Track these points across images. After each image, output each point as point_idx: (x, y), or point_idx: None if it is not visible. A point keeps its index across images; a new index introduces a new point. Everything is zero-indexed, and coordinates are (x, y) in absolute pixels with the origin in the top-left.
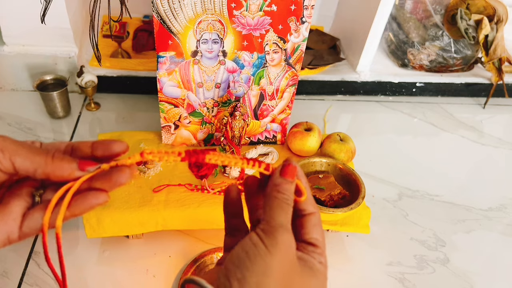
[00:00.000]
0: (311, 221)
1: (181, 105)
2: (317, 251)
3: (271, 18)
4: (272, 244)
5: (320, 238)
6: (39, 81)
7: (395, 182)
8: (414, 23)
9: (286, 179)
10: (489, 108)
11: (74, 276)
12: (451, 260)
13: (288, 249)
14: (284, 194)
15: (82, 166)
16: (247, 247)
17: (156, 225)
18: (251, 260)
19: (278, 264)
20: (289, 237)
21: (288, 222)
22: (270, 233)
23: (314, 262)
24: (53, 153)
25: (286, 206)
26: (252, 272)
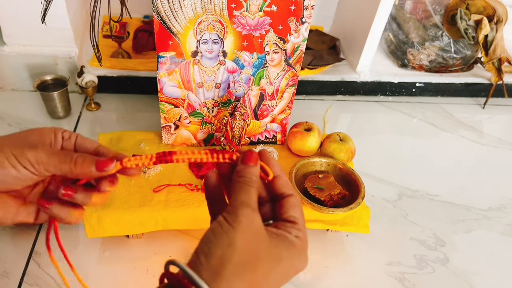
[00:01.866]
0: (288, 202)
1: (181, 105)
2: (295, 226)
3: (271, 19)
4: (234, 220)
5: (298, 216)
6: (39, 81)
7: (395, 182)
8: (414, 23)
9: (248, 164)
10: (488, 108)
11: (73, 276)
12: (450, 260)
13: (250, 222)
14: (245, 177)
15: (100, 168)
16: (213, 226)
17: (156, 225)
18: (216, 236)
19: (241, 235)
20: (250, 211)
21: (250, 199)
22: (232, 211)
23: (288, 236)
24: (75, 160)
25: (247, 187)
26: (216, 245)
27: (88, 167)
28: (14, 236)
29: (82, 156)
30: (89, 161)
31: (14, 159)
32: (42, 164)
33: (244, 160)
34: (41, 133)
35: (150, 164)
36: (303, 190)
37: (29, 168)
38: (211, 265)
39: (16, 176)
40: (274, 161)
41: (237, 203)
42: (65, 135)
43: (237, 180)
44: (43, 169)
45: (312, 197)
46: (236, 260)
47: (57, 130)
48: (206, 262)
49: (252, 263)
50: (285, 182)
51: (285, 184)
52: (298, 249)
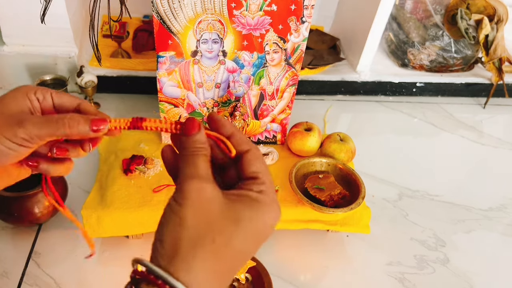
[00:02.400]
0: (246, 158)
1: (181, 105)
2: (257, 182)
3: (271, 18)
4: (181, 197)
5: (259, 170)
6: (39, 81)
7: (395, 182)
8: (414, 23)
9: (189, 134)
10: (489, 108)
11: (73, 276)
12: (451, 260)
13: (198, 194)
14: (188, 148)
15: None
16: (164, 211)
17: (155, 225)
18: (166, 219)
19: (191, 211)
20: (197, 182)
21: (197, 169)
22: (179, 189)
23: (250, 193)
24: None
25: (192, 157)
26: (168, 228)
27: (83, 128)
28: (14, 236)
29: (73, 119)
30: (82, 122)
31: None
32: (36, 137)
33: (184, 131)
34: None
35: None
36: (303, 190)
37: (25, 144)
38: (165, 249)
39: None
40: (224, 120)
41: (182, 178)
42: (39, 97)
43: (181, 153)
44: (38, 140)
45: (312, 197)
46: (189, 237)
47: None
48: (161, 247)
49: (209, 234)
50: (239, 138)
51: (240, 140)
52: (263, 204)
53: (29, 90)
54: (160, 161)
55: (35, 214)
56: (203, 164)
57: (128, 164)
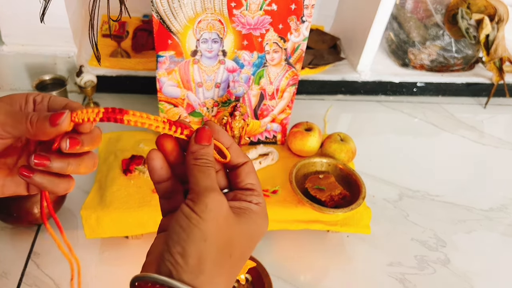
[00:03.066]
0: (244, 170)
1: (181, 105)
2: (254, 193)
3: (271, 18)
4: (203, 210)
5: (255, 182)
6: (38, 81)
7: (396, 182)
8: (415, 23)
9: (202, 144)
10: (490, 108)
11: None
12: (451, 260)
13: (219, 208)
14: (202, 159)
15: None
16: (181, 220)
17: (155, 226)
18: (186, 231)
19: (213, 225)
20: (216, 195)
21: (213, 182)
22: (198, 199)
23: (250, 206)
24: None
25: (207, 169)
26: (190, 242)
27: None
28: (13, 236)
29: (36, 114)
30: (42, 117)
31: None
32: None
33: (198, 139)
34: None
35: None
36: (303, 190)
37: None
38: (190, 265)
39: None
40: (223, 131)
41: (202, 189)
42: (37, 99)
43: (194, 163)
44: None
45: (312, 197)
46: (213, 253)
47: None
48: (185, 263)
49: (227, 250)
50: (237, 151)
51: (238, 153)
52: (261, 216)
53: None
54: None
55: (35, 214)
56: (215, 177)
57: (127, 164)
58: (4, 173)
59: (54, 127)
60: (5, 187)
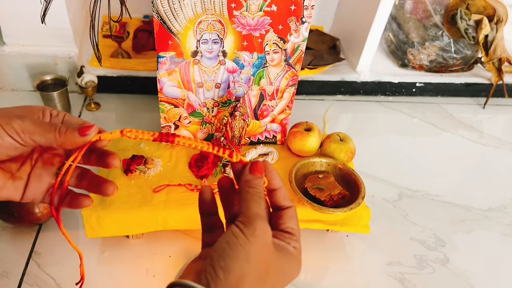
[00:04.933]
0: (287, 213)
1: (181, 105)
2: (293, 238)
3: (271, 18)
4: (251, 233)
5: (296, 227)
6: (39, 81)
7: (395, 182)
8: (414, 23)
9: (255, 175)
10: (489, 108)
11: (73, 276)
12: (451, 260)
13: (265, 235)
14: (255, 188)
15: (83, 133)
16: (228, 238)
17: (156, 225)
18: (232, 249)
19: (257, 250)
20: (265, 224)
21: (263, 211)
22: (248, 223)
23: (288, 247)
24: (59, 128)
25: (258, 198)
26: (234, 259)
27: (72, 134)
28: (14, 236)
29: (65, 126)
30: (71, 128)
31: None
32: (27, 133)
33: (253, 170)
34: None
35: (149, 139)
36: (303, 190)
37: (14, 136)
38: (229, 280)
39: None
40: (275, 172)
41: (252, 215)
42: (53, 113)
43: (248, 190)
44: (28, 138)
45: (312, 197)
46: (253, 275)
47: (45, 108)
48: (225, 278)
49: (264, 276)
50: (285, 194)
51: (285, 196)
52: (296, 259)
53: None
54: (161, 161)
55: (35, 214)
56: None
57: (128, 164)
58: (6, 176)
59: (82, 137)
60: (4, 189)
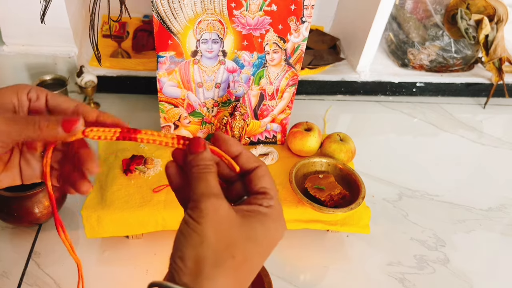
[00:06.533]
0: (256, 174)
1: (181, 105)
2: (266, 197)
3: (271, 18)
4: (199, 215)
5: (268, 186)
6: (38, 81)
7: (395, 182)
8: (414, 23)
9: (196, 152)
10: (489, 108)
11: (73, 276)
12: (451, 260)
13: (215, 211)
14: (197, 166)
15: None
16: (181, 227)
17: (156, 225)
18: (185, 237)
19: (210, 228)
20: (213, 200)
21: (210, 187)
22: (195, 206)
23: (260, 209)
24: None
25: (203, 175)
26: (188, 246)
27: (54, 129)
28: (14, 236)
29: (45, 119)
30: (54, 122)
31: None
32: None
33: (191, 149)
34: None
35: (112, 139)
36: (303, 190)
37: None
38: (188, 267)
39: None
40: (232, 140)
41: (197, 196)
42: (32, 96)
43: (191, 170)
44: (5, 138)
45: (312, 197)
46: (211, 255)
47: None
48: (184, 266)
49: (229, 251)
50: (248, 156)
51: (248, 158)
52: (272, 218)
53: (22, 88)
54: (161, 161)
55: (35, 214)
56: (214, 181)
57: (128, 164)
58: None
59: (67, 133)
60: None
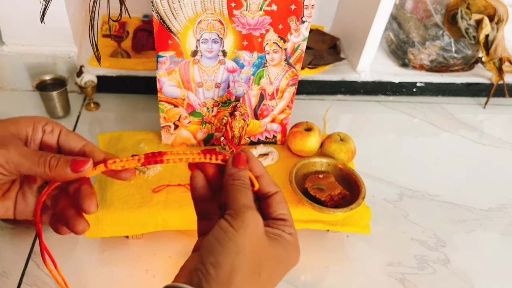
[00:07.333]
0: (275, 200)
1: (181, 105)
2: (286, 224)
3: (271, 18)
4: (240, 225)
5: (287, 212)
6: (38, 81)
7: (396, 182)
8: (415, 23)
9: (239, 167)
10: (489, 108)
11: (73, 276)
12: (451, 260)
13: (255, 225)
14: (240, 180)
15: (76, 169)
16: (217, 233)
17: (156, 225)
18: (221, 244)
19: (248, 241)
20: (254, 214)
21: (251, 201)
22: (236, 215)
23: (283, 235)
24: (49, 162)
25: (244, 189)
26: (223, 254)
27: (63, 169)
28: (13, 236)
29: (56, 158)
30: (63, 162)
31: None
32: (12, 165)
33: (235, 163)
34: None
35: (137, 166)
36: (303, 190)
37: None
38: (220, 276)
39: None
40: (256, 160)
41: (240, 206)
42: (47, 128)
43: (232, 183)
44: (13, 170)
45: (312, 197)
46: (245, 268)
47: (37, 122)
48: (216, 274)
49: (258, 268)
50: (268, 180)
51: (269, 182)
52: (292, 246)
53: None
54: None
55: None
56: (251, 196)
57: None
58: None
59: (75, 173)
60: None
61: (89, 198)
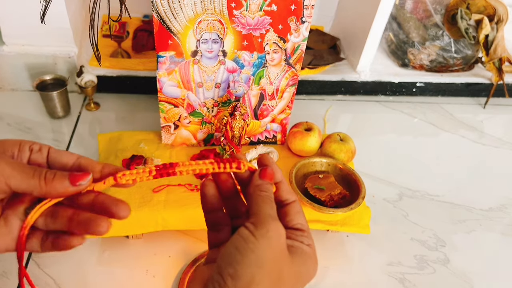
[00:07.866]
0: (293, 208)
1: (181, 105)
2: (304, 234)
3: (271, 18)
4: (263, 235)
5: (304, 222)
6: (38, 81)
7: (395, 182)
8: (414, 23)
9: (266, 180)
10: (489, 108)
11: (73, 276)
12: (451, 260)
13: (278, 237)
14: (266, 192)
15: (74, 182)
16: (237, 242)
17: (156, 225)
18: (241, 254)
19: (270, 254)
20: (278, 226)
21: (275, 213)
22: (260, 224)
23: (302, 247)
24: (44, 174)
25: (270, 201)
26: (243, 265)
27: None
28: None
29: (51, 172)
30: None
31: None
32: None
33: (263, 176)
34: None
35: (149, 179)
36: (303, 190)
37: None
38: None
39: None
40: (276, 166)
41: (265, 216)
42: (34, 147)
43: (259, 194)
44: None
45: (312, 197)
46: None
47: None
48: (234, 286)
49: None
50: (287, 187)
51: (288, 190)
52: (311, 258)
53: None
54: (160, 161)
55: None
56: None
57: (128, 164)
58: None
59: (74, 187)
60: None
61: (122, 203)
